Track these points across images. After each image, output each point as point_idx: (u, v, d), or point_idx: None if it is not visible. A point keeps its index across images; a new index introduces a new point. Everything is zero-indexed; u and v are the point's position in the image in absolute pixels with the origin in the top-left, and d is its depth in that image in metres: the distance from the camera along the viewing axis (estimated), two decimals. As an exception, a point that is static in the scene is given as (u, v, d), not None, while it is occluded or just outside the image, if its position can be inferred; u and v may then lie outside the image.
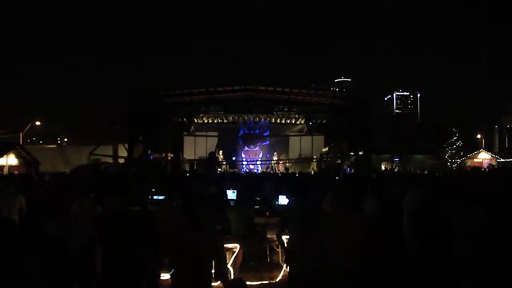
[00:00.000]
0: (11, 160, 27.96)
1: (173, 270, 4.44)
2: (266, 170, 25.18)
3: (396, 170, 28.25)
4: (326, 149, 27.58)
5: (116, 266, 4.55)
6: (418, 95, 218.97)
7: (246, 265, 7.23)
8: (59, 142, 54.40)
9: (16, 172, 23.15)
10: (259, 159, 29.84)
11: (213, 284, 4.86)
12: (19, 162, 28.26)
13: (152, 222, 5.10)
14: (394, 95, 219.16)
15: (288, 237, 5.25)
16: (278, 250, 7.62)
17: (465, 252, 4.92)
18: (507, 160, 37.22)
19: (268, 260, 7.88)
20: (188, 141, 28.16)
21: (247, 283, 4.07)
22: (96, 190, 7.09)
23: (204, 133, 28.29)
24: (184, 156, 27.36)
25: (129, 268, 4.55)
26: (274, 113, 26.45)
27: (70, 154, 27.34)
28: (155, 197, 10.25)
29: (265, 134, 30.83)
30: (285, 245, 5.25)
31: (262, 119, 28.04)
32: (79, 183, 8.51)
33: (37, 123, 40.57)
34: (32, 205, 6.85)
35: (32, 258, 2.76)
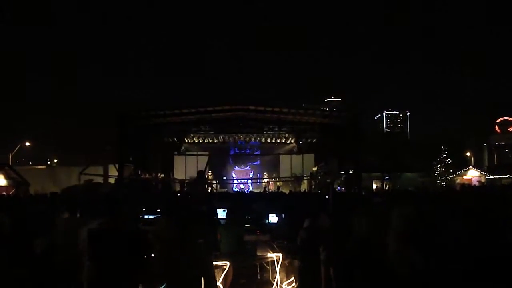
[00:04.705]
0: (0, 180, 27.64)
1: (164, 285, 4.44)
2: (257, 190, 25.14)
3: (386, 188, 28.36)
4: (316, 168, 27.66)
5: (103, 284, 4.52)
6: (408, 114, 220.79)
7: (237, 282, 7.19)
8: (48, 163, 53.82)
9: (4, 193, 22.90)
10: (250, 178, 29.82)
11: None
12: (8, 183, 27.91)
13: (143, 240, 5.08)
14: (384, 114, 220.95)
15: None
16: (268, 267, 7.60)
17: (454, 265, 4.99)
18: (495, 177, 37.50)
19: (259, 277, 7.84)
20: (178, 160, 28.09)
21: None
22: (85, 208, 7.07)
23: (194, 153, 28.24)
24: (175, 175, 27.27)
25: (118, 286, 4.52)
26: (265, 132, 26.62)
27: (60, 175, 27.08)
28: (145, 216, 10.25)
29: (256, 153, 30.89)
30: None
31: (253, 139, 28.16)
32: (67, 201, 8.47)
33: (27, 143, 40.29)
34: (20, 222, 6.80)
35: (19, 275, 2.76)
